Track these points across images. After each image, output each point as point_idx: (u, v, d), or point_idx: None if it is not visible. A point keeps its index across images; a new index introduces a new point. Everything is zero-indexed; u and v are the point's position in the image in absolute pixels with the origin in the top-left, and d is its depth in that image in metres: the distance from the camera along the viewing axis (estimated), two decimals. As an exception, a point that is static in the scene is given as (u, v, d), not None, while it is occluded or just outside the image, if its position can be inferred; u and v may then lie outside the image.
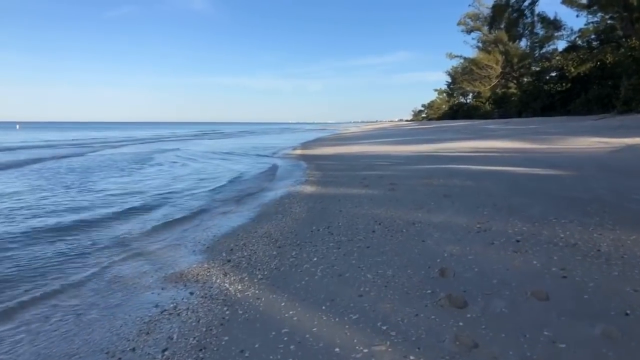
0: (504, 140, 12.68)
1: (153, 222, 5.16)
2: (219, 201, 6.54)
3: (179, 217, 5.43)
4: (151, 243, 4.26)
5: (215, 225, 4.95)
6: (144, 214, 5.70)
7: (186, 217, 5.45)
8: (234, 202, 6.46)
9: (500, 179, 6.08)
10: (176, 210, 5.85)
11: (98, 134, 44.26)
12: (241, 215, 5.34)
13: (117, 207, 6.03)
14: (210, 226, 4.89)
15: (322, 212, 4.99)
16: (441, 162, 8.67)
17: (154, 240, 4.36)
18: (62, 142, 26.22)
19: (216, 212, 5.67)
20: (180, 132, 50.78)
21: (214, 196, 6.99)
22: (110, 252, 3.98)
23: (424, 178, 6.65)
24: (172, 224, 5.09)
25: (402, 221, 4.14)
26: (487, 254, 2.98)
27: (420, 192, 5.59)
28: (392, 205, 4.92)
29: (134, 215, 5.59)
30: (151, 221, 5.20)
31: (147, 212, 5.77)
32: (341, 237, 3.79)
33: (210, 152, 18.72)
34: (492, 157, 8.93)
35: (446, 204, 4.70)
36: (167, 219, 5.31)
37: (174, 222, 5.19)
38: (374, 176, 7.49)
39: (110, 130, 67.91)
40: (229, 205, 6.16)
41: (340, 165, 9.91)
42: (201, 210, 5.83)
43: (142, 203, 6.41)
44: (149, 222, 5.17)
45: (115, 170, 11.16)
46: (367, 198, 5.54)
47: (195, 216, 5.50)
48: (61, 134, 43.08)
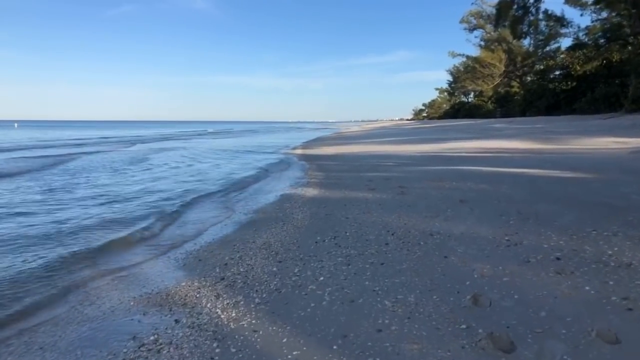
0: (512, 139, 12.23)
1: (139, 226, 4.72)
2: (216, 203, 6.10)
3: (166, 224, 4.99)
4: (135, 255, 3.81)
5: (210, 233, 4.50)
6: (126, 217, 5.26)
7: (176, 223, 5.01)
8: (231, 206, 6.01)
9: (518, 182, 5.63)
10: (164, 216, 5.40)
11: (108, 133, 43.86)
12: (238, 222, 4.89)
13: (109, 207, 5.59)
14: (204, 234, 4.44)
15: (326, 219, 4.54)
16: (450, 162, 8.22)
17: (141, 251, 3.91)
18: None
19: (211, 217, 5.23)
20: (176, 132, 50.13)
21: (209, 199, 6.54)
22: (90, 264, 3.53)
23: (435, 180, 6.20)
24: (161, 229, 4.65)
25: (417, 231, 3.69)
26: (525, 276, 2.53)
27: (433, 196, 5.14)
28: (404, 212, 4.47)
29: (121, 219, 5.14)
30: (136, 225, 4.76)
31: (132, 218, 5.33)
32: (350, 250, 3.34)
33: (220, 150, 18.28)
34: (503, 158, 8.48)
35: (464, 211, 4.25)
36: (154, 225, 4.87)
37: (163, 227, 4.75)
38: (380, 178, 7.04)
39: (113, 129, 67.48)
40: (227, 209, 5.71)
41: (343, 166, 9.46)
42: (195, 218, 5.39)
43: (123, 208, 5.97)
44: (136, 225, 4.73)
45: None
46: (375, 203, 5.09)
47: (187, 222, 5.06)
48: (75, 133, 42.71)
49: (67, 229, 4.66)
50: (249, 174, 9.56)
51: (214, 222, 4.98)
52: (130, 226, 4.80)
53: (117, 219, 5.14)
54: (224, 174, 9.60)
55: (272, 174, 9.31)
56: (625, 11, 22.54)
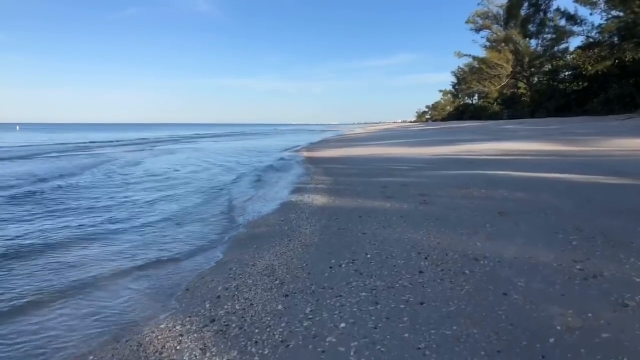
0: (531, 141, 11.48)
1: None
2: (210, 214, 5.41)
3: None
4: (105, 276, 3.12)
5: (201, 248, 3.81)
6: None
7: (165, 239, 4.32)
8: (231, 215, 5.32)
9: (558, 189, 4.90)
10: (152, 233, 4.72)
11: (119, 136, 43.37)
12: (236, 238, 4.19)
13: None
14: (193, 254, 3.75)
15: (340, 234, 3.83)
16: (471, 166, 7.49)
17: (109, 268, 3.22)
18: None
19: (209, 233, 4.54)
20: (181, 134, 49.53)
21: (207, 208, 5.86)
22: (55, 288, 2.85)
23: (460, 187, 5.48)
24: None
25: (456, 254, 2.98)
26: (631, 329, 1.81)
27: (464, 207, 4.42)
28: (433, 227, 3.75)
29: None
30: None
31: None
32: (375, 281, 2.63)
33: (226, 152, 17.64)
34: (529, 162, 7.74)
35: (508, 227, 3.53)
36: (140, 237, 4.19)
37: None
38: (395, 184, 6.33)
39: (120, 131, 67.14)
40: (226, 220, 5.02)
41: (353, 170, 8.76)
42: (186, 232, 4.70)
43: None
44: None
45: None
46: (395, 215, 4.38)
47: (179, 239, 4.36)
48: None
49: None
50: (251, 179, 8.89)
51: (210, 236, 4.29)
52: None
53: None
54: (229, 179, 8.94)
55: (276, 179, 8.62)
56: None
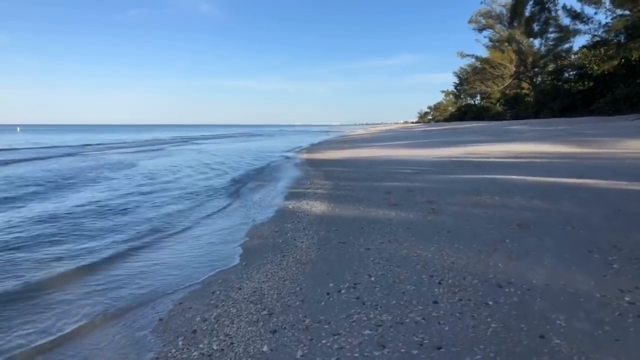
0: (540, 143, 11.01)
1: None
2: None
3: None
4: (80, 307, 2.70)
5: (185, 266, 3.39)
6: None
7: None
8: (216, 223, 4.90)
9: (580, 197, 4.45)
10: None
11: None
12: (224, 252, 3.77)
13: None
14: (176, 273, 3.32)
15: (340, 249, 3.41)
16: (480, 170, 7.04)
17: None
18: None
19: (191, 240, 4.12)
20: (185, 135, 49.02)
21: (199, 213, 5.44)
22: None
23: (471, 194, 5.04)
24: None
25: (475, 278, 2.54)
26: None
27: (477, 217, 3.98)
28: (444, 241, 3.32)
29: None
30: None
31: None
32: (381, 313, 2.20)
33: (225, 154, 17.23)
34: (541, 164, 7.29)
35: (531, 243, 3.09)
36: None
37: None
38: (400, 189, 5.90)
39: (123, 133, 66.83)
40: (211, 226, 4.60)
41: (354, 173, 8.32)
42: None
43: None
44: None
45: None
46: (401, 226, 3.94)
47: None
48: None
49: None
50: (247, 182, 8.47)
51: (198, 250, 3.87)
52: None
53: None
54: (224, 182, 8.52)
55: (274, 183, 8.19)
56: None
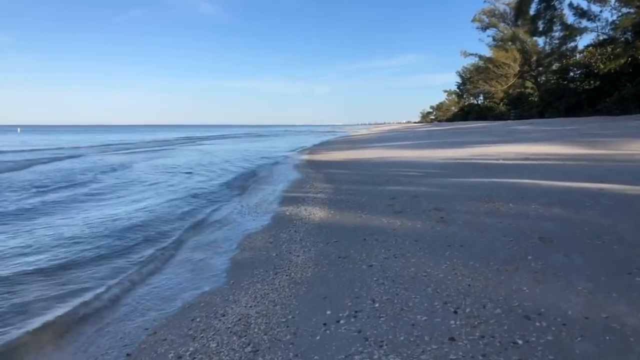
0: (549, 143, 10.58)
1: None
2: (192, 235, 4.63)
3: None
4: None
5: (164, 287, 3.02)
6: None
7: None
8: (212, 237, 4.54)
9: (604, 204, 4.05)
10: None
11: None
12: (212, 268, 3.40)
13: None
14: (153, 294, 2.96)
15: (339, 266, 3.03)
16: (489, 173, 6.65)
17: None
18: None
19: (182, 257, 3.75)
20: (188, 135, 48.57)
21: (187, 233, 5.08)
22: None
23: (482, 200, 4.65)
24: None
25: (498, 305, 2.16)
26: None
27: (491, 228, 3.60)
28: (458, 258, 2.94)
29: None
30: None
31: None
32: (387, 354, 1.83)
33: (224, 156, 16.89)
34: (556, 167, 6.87)
35: (558, 261, 2.71)
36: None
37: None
38: (405, 194, 5.52)
39: (126, 133, 66.68)
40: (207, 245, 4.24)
41: (356, 176, 7.95)
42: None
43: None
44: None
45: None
46: (408, 237, 3.57)
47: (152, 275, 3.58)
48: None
49: None
50: (243, 184, 8.12)
51: (180, 267, 3.50)
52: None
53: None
54: (220, 184, 8.17)
55: (271, 186, 7.83)
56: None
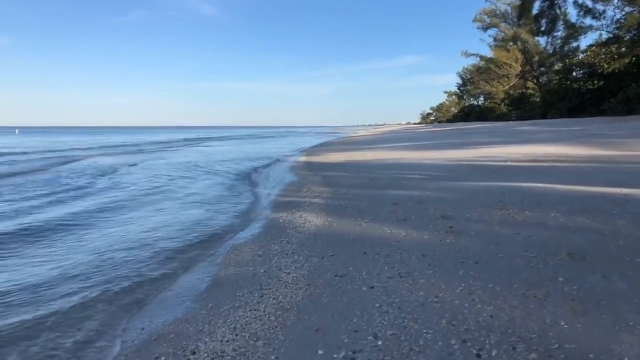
0: (557, 144, 10.14)
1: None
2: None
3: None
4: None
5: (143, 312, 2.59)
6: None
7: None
8: (198, 250, 4.10)
9: (636, 213, 3.60)
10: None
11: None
12: (184, 287, 2.97)
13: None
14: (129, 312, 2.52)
15: (335, 287, 2.61)
16: (498, 176, 6.21)
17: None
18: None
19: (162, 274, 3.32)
20: (191, 137, 48.05)
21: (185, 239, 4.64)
22: None
23: (494, 207, 4.22)
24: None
25: (531, 347, 1.73)
26: None
27: (509, 240, 3.16)
28: (474, 279, 2.50)
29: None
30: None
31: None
32: (395, 420, 1.39)
33: (223, 158, 16.45)
34: (571, 170, 6.43)
35: (597, 285, 2.27)
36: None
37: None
38: (409, 199, 5.08)
39: (127, 135, 66.28)
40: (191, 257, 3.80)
41: (356, 179, 7.51)
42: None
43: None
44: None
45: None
46: (414, 251, 3.14)
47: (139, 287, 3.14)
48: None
49: None
50: (236, 187, 7.69)
51: (159, 283, 3.06)
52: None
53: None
54: (210, 185, 7.74)
55: (266, 189, 7.41)
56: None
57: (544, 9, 22.37)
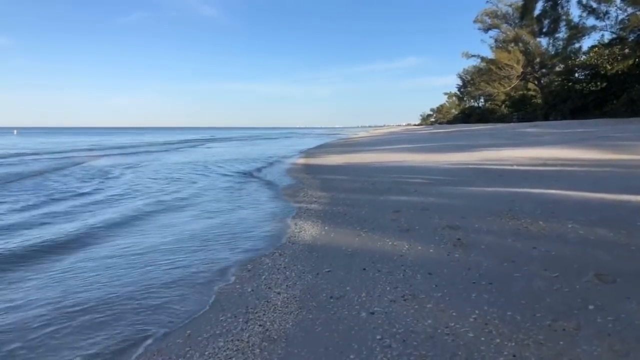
0: (566, 147, 9.80)
1: None
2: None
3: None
4: None
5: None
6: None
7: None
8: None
9: (658, 223, 3.29)
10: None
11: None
12: (162, 306, 2.65)
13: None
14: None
15: (330, 312, 2.29)
16: (506, 181, 5.89)
17: None
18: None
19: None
20: (193, 138, 47.71)
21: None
22: None
23: (504, 216, 3.90)
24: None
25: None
26: None
27: (524, 255, 2.84)
28: (489, 304, 2.18)
29: None
30: None
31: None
32: None
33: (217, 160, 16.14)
34: (584, 175, 6.10)
35: (635, 314, 1.95)
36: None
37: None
38: (411, 206, 4.77)
39: (129, 135, 66.05)
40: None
41: (355, 183, 7.20)
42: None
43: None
44: None
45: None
46: (419, 268, 2.82)
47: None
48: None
49: None
50: (221, 195, 7.37)
51: (124, 303, 2.74)
52: None
53: None
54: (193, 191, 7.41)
55: (259, 194, 7.08)
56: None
57: (546, 9, 22.05)
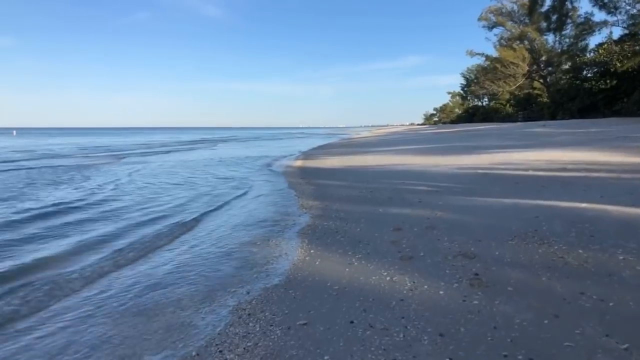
0: (584, 149, 8.96)
1: None
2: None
3: None
4: None
5: None
6: None
7: None
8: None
9: None
10: None
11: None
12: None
13: None
14: None
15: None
16: (524, 190, 5.10)
17: None
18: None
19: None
20: (195, 138, 47.04)
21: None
22: None
23: (530, 240, 3.13)
24: None
25: None
26: None
27: (570, 306, 2.08)
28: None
29: None
30: None
31: None
32: None
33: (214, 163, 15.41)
34: (614, 183, 5.28)
35: None
36: None
37: None
38: (414, 222, 4.00)
39: (130, 135, 65.63)
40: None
41: (352, 190, 6.43)
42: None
43: None
44: None
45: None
46: (425, 322, 2.06)
47: None
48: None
49: None
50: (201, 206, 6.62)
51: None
52: None
53: None
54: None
55: (246, 206, 6.34)
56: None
57: (555, 4, 21.17)
